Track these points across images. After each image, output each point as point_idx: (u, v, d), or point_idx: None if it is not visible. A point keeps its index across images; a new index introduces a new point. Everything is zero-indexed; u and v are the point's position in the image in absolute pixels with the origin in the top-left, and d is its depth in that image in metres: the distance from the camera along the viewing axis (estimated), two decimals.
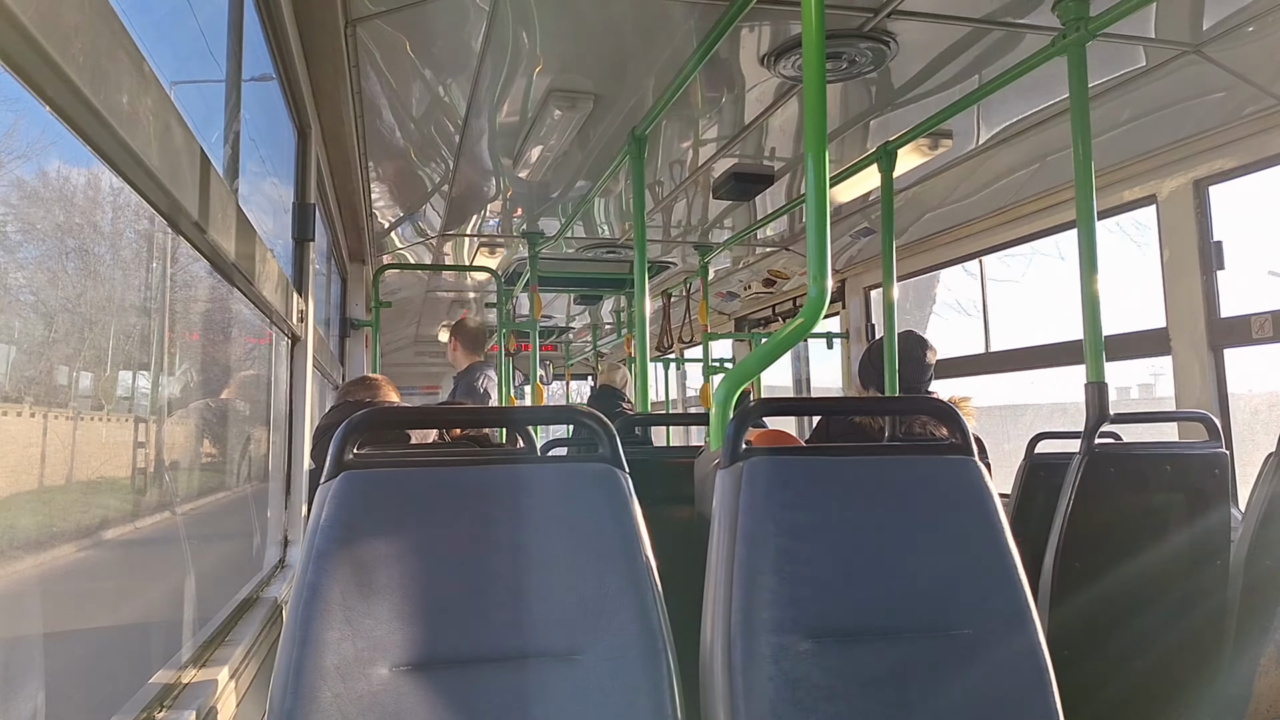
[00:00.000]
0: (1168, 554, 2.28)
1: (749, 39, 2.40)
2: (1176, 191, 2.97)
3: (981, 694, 1.31)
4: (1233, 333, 2.82)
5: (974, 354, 4.28)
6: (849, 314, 5.13)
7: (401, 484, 1.24)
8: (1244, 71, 2.47)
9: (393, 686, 1.13)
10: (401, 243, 4.71)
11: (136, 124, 0.96)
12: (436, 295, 6.34)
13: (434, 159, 3.36)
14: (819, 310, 1.53)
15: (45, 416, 0.98)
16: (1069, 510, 2.18)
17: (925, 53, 2.50)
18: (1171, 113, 2.79)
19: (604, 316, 7.57)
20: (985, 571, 1.38)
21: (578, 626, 1.21)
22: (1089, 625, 2.17)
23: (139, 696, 1.20)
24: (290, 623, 1.13)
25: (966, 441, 1.48)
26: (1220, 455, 2.32)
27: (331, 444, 1.24)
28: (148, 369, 1.40)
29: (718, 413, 1.63)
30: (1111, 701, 2.07)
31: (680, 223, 4.49)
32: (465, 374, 4.50)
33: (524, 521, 1.26)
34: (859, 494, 1.40)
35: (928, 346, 3.05)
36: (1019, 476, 2.87)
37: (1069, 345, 3.51)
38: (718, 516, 1.36)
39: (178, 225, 1.28)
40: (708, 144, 3.27)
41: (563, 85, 2.66)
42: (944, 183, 3.66)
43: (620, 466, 1.33)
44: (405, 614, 1.16)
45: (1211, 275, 2.89)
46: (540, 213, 4.17)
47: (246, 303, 1.90)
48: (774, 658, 1.26)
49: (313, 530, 1.18)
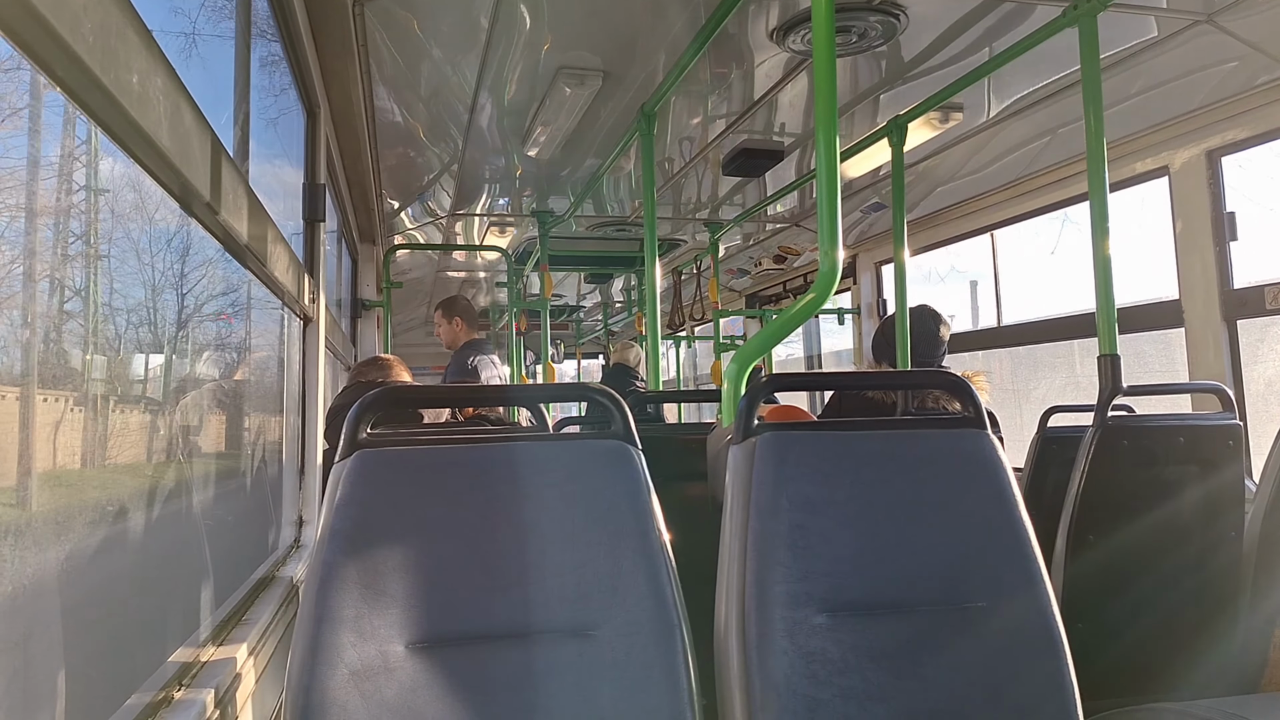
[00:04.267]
0: (1181, 526, 2.27)
1: (758, 13, 2.38)
2: (1189, 163, 2.94)
3: (995, 665, 1.32)
4: (1246, 304, 2.80)
5: (987, 328, 4.26)
6: (860, 289, 5.11)
7: (415, 462, 1.25)
8: (1256, 41, 2.43)
9: (409, 663, 1.14)
10: (411, 223, 4.71)
11: (147, 104, 0.96)
12: (447, 275, 6.34)
13: (443, 138, 3.35)
14: (830, 285, 1.53)
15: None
16: (1082, 483, 2.18)
17: (935, 25, 2.47)
18: (1183, 83, 2.75)
19: (614, 295, 7.56)
20: (998, 544, 1.38)
21: (592, 603, 1.22)
22: (1102, 597, 2.17)
23: (157, 676, 1.22)
24: (307, 601, 1.14)
25: (979, 415, 1.48)
26: (1234, 426, 2.31)
27: (345, 424, 1.24)
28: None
29: (729, 389, 1.63)
30: (1125, 672, 2.08)
31: (690, 200, 4.46)
32: (459, 353, 4.45)
33: (537, 499, 1.26)
34: (871, 468, 1.40)
35: (941, 321, 3.04)
36: (1032, 450, 2.87)
37: (1082, 318, 3.49)
38: (731, 492, 1.36)
39: (190, 207, 1.29)
40: (717, 120, 3.25)
41: (571, 63, 2.65)
42: (955, 157, 3.63)
43: (633, 443, 1.33)
44: (421, 591, 1.17)
45: (1224, 246, 2.86)
46: (550, 191, 4.15)
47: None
48: (788, 632, 1.27)
49: (328, 509, 1.19)
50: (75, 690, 0.95)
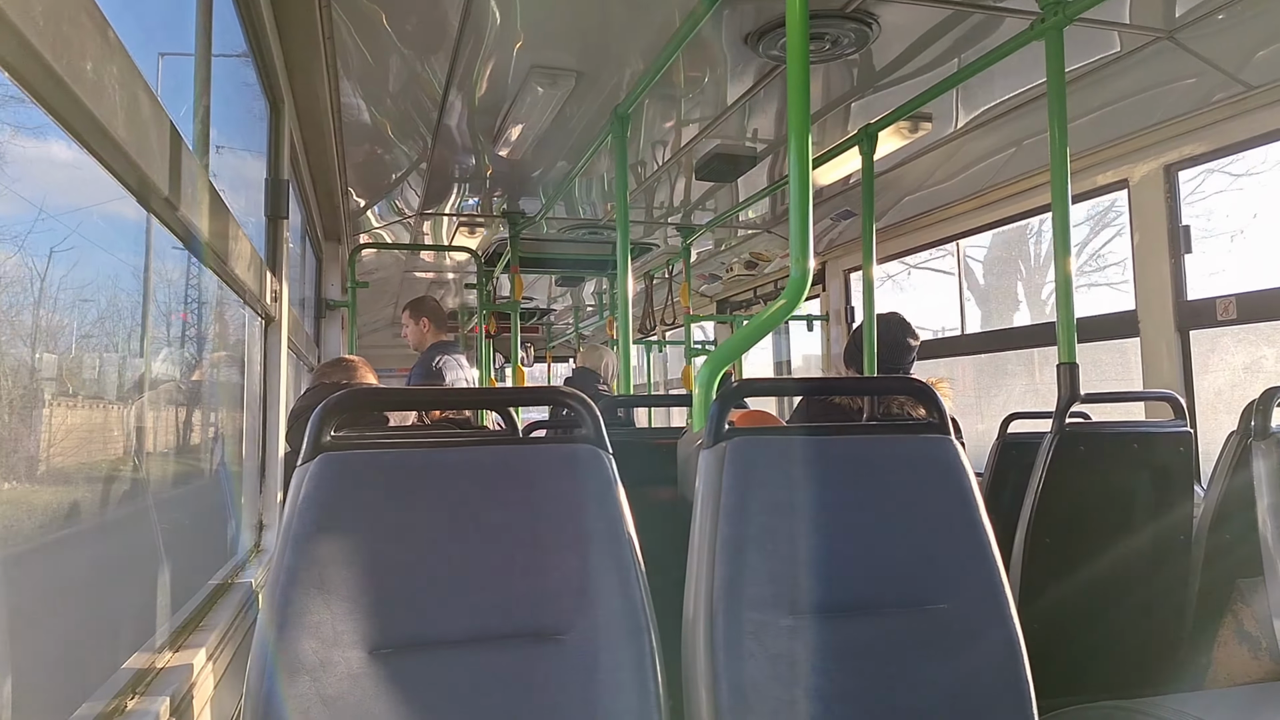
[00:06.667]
0: (1134, 529, 2.33)
1: (732, 18, 2.39)
2: (1148, 176, 3.00)
3: (957, 666, 1.34)
4: (1199, 315, 2.87)
5: (951, 335, 4.32)
6: (829, 296, 5.16)
7: (380, 466, 1.23)
8: (1214, 58, 2.49)
9: (372, 669, 1.12)
10: (378, 221, 4.65)
11: (102, 93, 0.93)
12: (415, 275, 6.28)
13: (411, 136, 3.32)
14: (801, 291, 1.54)
15: None
16: (1040, 487, 2.22)
17: (906, 35, 2.50)
18: (1144, 98, 2.81)
19: (586, 298, 7.54)
20: (960, 547, 1.40)
21: (560, 607, 1.21)
22: (1058, 599, 2.21)
23: (110, 684, 1.18)
24: (267, 606, 1.12)
25: (943, 421, 1.49)
26: (1185, 434, 2.36)
27: (309, 426, 1.22)
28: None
29: (701, 394, 1.63)
30: (1079, 672, 2.12)
31: (663, 204, 4.47)
32: (425, 354, 4.39)
33: (506, 503, 1.25)
34: (839, 473, 1.41)
35: (909, 330, 3.07)
36: (992, 455, 2.91)
37: (1043, 327, 3.54)
38: (701, 496, 1.36)
39: (147, 201, 1.25)
40: (690, 124, 3.25)
41: (544, 62, 2.63)
42: (923, 166, 3.67)
43: (603, 447, 1.33)
44: (385, 596, 1.15)
45: (1179, 259, 2.93)
46: (521, 192, 4.13)
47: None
48: (755, 634, 1.27)
49: (289, 513, 1.17)
50: (21, 701, 0.92)
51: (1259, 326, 2.80)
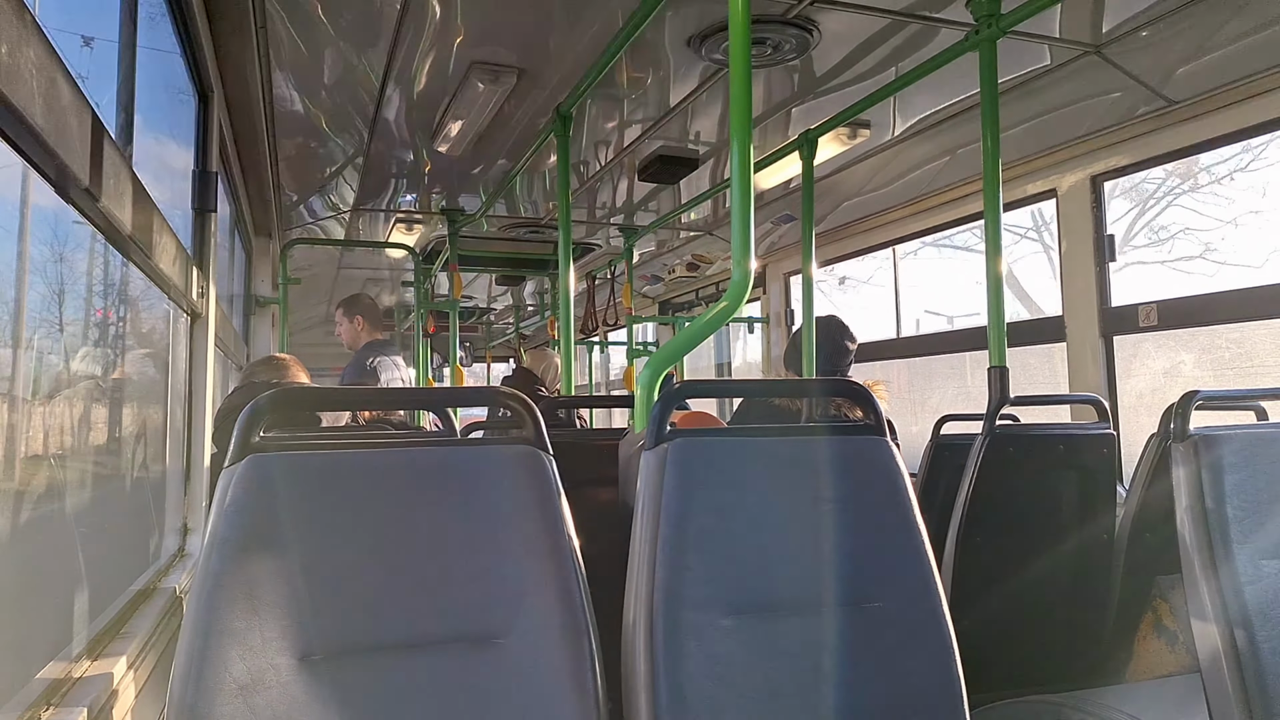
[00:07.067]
0: (1060, 528, 2.41)
1: (675, 20, 2.39)
2: (1075, 186, 3.11)
3: (891, 663, 1.36)
4: (1122, 321, 2.99)
5: (886, 339, 4.41)
6: (769, 299, 5.22)
7: (312, 468, 1.19)
8: (1138, 73, 2.60)
9: (301, 676, 1.09)
10: (311, 216, 4.53)
11: (18, 77, 0.88)
12: (350, 272, 6.13)
13: (347, 129, 3.24)
14: (743, 294, 1.55)
15: None
16: (971, 487, 2.28)
17: (846, 42, 2.54)
18: (1072, 111, 2.91)
19: (526, 298, 7.48)
20: (895, 546, 1.42)
21: (499, 610, 1.20)
22: (988, 596, 2.27)
23: (23, 695, 1.13)
24: (192, 612, 1.08)
25: (880, 423, 1.52)
26: (1108, 436, 2.46)
27: (236, 426, 1.18)
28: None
29: (643, 395, 1.63)
30: (1008, 667, 2.18)
31: (605, 204, 4.46)
32: (359, 353, 4.29)
33: (443, 505, 1.23)
34: (778, 473, 1.42)
35: (848, 333, 3.13)
36: (926, 456, 2.98)
37: (974, 331, 3.65)
38: (642, 497, 1.36)
39: (66, 192, 1.20)
40: (633, 125, 3.25)
41: (485, 58, 2.60)
42: (862, 172, 3.74)
43: (544, 448, 1.31)
44: (316, 602, 1.12)
45: (1104, 266, 3.05)
46: (460, 189, 4.07)
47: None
48: (695, 634, 1.27)
49: (216, 516, 1.12)
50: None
51: (1178, 333, 2.93)
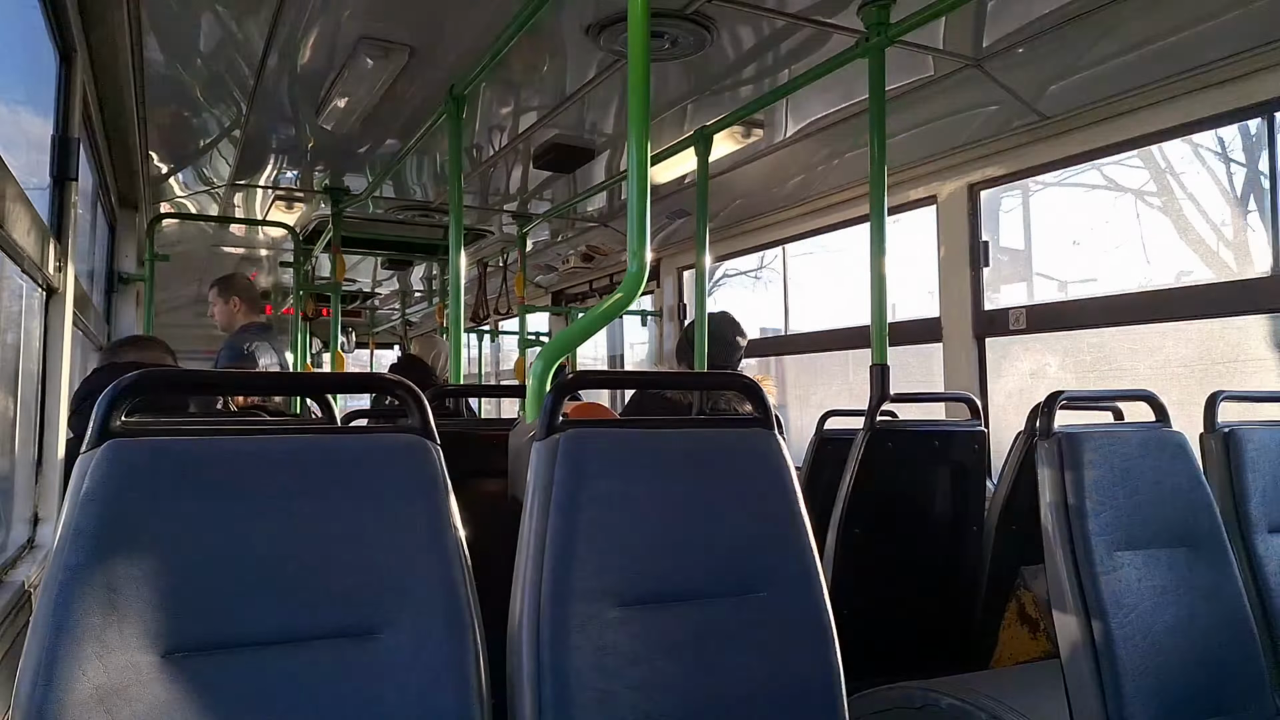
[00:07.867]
0: (933, 521, 2.54)
1: (573, 7, 2.37)
2: (953, 194, 3.28)
3: (774, 652, 1.39)
4: (994, 323, 3.17)
5: (774, 336, 4.53)
6: (663, 293, 5.26)
7: (178, 455, 1.12)
8: (1014, 88, 2.75)
9: (165, 675, 1.02)
10: (183, 190, 4.25)
11: None
12: (223, 250, 5.79)
13: (224, 100, 3.05)
14: (638, 286, 1.55)
15: None
16: (851, 481, 2.37)
17: (741, 41, 2.58)
18: (953, 121, 3.06)
19: (414, 283, 7.26)
20: (780, 537, 1.46)
21: (379, 604, 1.16)
22: (866, 585, 2.37)
23: None
24: (42, 608, 0.99)
25: (768, 416, 1.56)
26: (980, 433, 2.61)
27: (95, 409, 1.09)
28: None
29: (535, 385, 1.61)
30: (884, 655, 2.28)
31: (499, 191, 4.38)
32: (234, 336, 4.06)
33: (322, 495, 1.17)
34: (668, 465, 1.44)
35: (738, 329, 3.20)
36: (810, 450, 3.07)
37: (858, 330, 3.79)
38: (532, 488, 1.34)
39: None
40: (529, 111, 3.21)
41: (375, 34, 2.50)
42: (754, 171, 3.82)
43: (431, 438, 1.28)
44: (181, 596, 1.05)
45: (979, 271, 3.22)
46: (346, 168, 3.91)
47: None
48: (582, 627, 1.26)
49: (70, 506, 1.04)
50: None
51: (1044, 336, 3.13)
